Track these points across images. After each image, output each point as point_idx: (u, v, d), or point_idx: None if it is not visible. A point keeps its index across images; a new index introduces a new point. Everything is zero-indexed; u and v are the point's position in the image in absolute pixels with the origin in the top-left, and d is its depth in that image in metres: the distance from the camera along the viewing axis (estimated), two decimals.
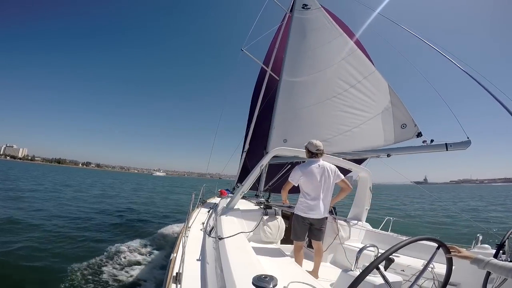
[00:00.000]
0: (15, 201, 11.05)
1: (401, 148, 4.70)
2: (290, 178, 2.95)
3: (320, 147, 2.96)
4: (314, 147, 2.96)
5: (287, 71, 6.52)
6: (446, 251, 1.41)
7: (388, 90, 5.06)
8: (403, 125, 4.79)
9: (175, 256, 2.26)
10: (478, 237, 2.37)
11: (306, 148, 3.04)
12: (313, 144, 2.97)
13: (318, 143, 2.97)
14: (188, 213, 3.34)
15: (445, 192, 52.90)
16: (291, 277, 1.78)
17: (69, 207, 10.96)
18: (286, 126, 6.06)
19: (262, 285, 1.11)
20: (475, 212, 16.04)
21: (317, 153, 2.95)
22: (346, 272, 1.77)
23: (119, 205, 13.18)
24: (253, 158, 6.69)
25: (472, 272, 1.77)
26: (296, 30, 6.87)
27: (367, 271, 1.04)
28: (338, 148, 5.18)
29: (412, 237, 1.23)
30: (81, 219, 8.71)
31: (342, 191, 3.19)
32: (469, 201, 25.65)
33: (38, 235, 6.32)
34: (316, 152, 2.95)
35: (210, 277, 1.88)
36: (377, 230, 3.78)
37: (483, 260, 1.34)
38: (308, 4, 6.95)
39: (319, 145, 2.96)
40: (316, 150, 2.95)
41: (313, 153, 2.96)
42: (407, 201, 25.38)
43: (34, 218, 8.04)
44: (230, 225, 2.68)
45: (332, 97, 5.61)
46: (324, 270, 3.07)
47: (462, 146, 3.89)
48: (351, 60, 5.64)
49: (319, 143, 2.98)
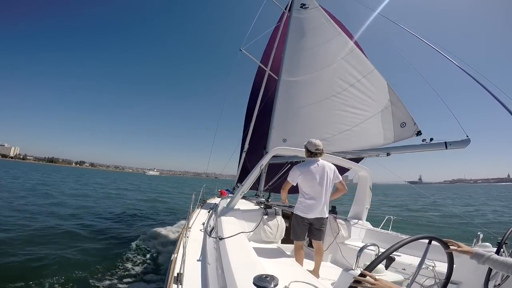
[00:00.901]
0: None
1: (401, 147, 4.71)
2: (289, 177, 2.93)
3: (319, 147, 2.93)
4: (313, 147, 2.93)
5: (286, 71, 6.52)
6: (445, 246, 1.41)
7: (387, 89, 5.07)
8: (402, 124, 4.79)
9: (176, 257, 2.25)
10: (479, 235, 2.37)
11: (306, 147, 3.02)
12: (313, 143, 2.94)
13: (317, 142, 2.95)
14: (188, 214, 3.33)
15: (445, 191, 53.06)
16: (292, 276, 1.77)
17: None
18: (286, 125, 6.06)
19: (263, 285, 1.10)
20: (475, 210, 16.08)
21: (316, 152, 2.93)
22: (347, 272, 1.77)
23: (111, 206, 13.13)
24: (253, 158, 6.70)
25: (474, 270, 1.77)
26: (295, 30, 6.87)
27: (368, 269, 1.04)
28: (337, 147, 5.19)
29: (413, 236, 1.23)
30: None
31: (337, 191, 3.16)
32: (467, 200, 25.72)
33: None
34: (315, 151, 2.93)
35: (211, 277, 1.88)
36: (377, 229, 3.79)
37: (483, 255, 1.33)
38: (306, 3, 6.96)
39: (319, 145, 2.94)
40: (315, 149, 2.92)
41: (312, 152, 2.94)
42: (403, 201, 25.44)
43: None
44: (231, 225, 2.67)
45: (332, 96, 5.61)
46: (325, 269, 3.06)
47: (462, 144, 3.90)
48: (350, 59, 5.65)
49: (319, 142, 2.96)
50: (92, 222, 8.65)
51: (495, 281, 1.65)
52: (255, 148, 6.79)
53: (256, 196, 6.10)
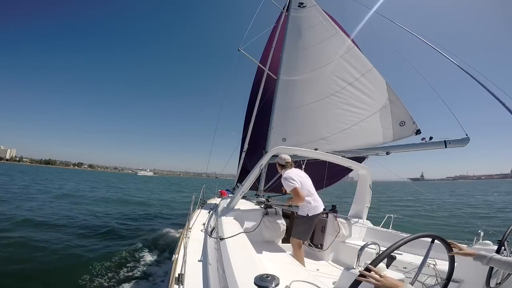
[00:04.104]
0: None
1: (400, 146, 4.71)
2: (291, 182, 2.96)
3: (288, 160, 3.31)
4: (282, 161, 3.29)
5: (284, 70, 6.51)
6: (449, 249, 1.40)
7: (386, 87, 5.06)
8: (401, 123, 4.79)
9: (177, 257, 2.25)
10: (480, 233, 2.38)
11: (277, 163, 3.37)
12: (282, 158, 3.31)
13: (286, 157, 3.32)
14: (189, 214, 3.33)
15: (446, 188, 53.08)
16: (293, 276, 1.77)
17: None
18: (285, 125, 6.05)
19: (264, 284, 1.10)
20: (476, 209, 16.10)
21: (286, 165, 3.26)
22: (348, 270, 1.77)
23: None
24: (253, 158, 6.69)
25: (475, 268, 1.77)
26: (293, 29, 6.87)
27: (373, 265, 1.04)
28: (337, 146, 5.19)
29: (414, 234, 1.23)
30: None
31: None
32: (469, 198, 25.75)
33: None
34: (285, 164, 3.27)
35: (212, 277, 1.88)
36: (378, 227, 3.79)
37: (486, 256, 1.34)
38: (304, 2, 6.96)
39: (287, 158, 3.31)
40: (285, 163, 3.27)
41: (283, 165, 3.28)
42: (406, 198, 25.45)
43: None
44: (231, 225, 2.67)
45: (330, 95, 5.61)
46: (326, 268, 3.07)
47: (461, 143, 3.90)
48: (348, 58, 5.64)
49: (287, 156, 3.33)
50: (91, 222, 8.64)
51: (496, 279, 1.65)
52: (255, 148, 6.78)
53: (256, 196, 6.10)
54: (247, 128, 6.89)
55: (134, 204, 15.38)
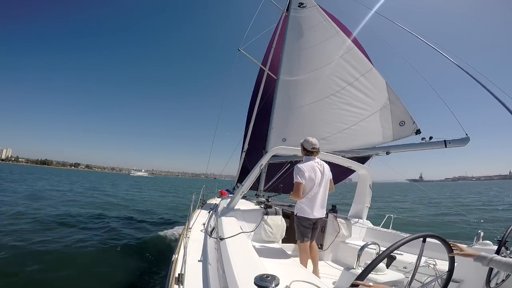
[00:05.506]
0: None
1: (400, 146, 4.71)
2: (298, 177, 2.72)
3: (316, 145, 2.91)
4: (310, 145, 2.91)
5: (284, 70, 6.52)
6: (449, 249, 1.40)
7: (386, 87, 5.06)
8: (401, 123, 4.79)
9: (177, 257, 2.25)
10: (480, 233, 2.37)
11: (302, 145, 2.99)
12: (309, 141, 2.92)
13: (314, 140, 2.92)
14: (189, 214, 3.33)
15: (446, 188, 53.03)
16: (293, 276, 1.77)
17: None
18: (285, 125, 6.06)
19: (264, 284, 1.10)
20: (475, 209, 16.10)
21: (313, 151, 2.91)
22: (348, 270, 1.77)
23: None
24: (253, 158, 6.69)
25: (475, 268, 1.77)
26: (293, 29, 6.87)
27: (369, 268, 1.04)
28: (337, 146, 5.19)
29: (414, 234, 1.23)
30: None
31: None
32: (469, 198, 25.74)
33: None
34: (311, 150, 2.91)
35: (212, 277, 1.88)
36: (378, 227, 3.79)
37: (486, 257, 1.34)
38: (304, 2, 6.96)
39: (315, 143, 2.91)
40: (311, 148, 2.90)
41: (309, 151, 2.92)
42: (404, 199, 25.46)
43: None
44: (231, 225, 2.67)
45: (330, 95, 5.61)
46: (326, 268, 3.06)
47: (461, 143, 3.90)
48: (348, 58, 5.64)
49: (315, 141, 2.94)
50: (92, 222, 8.64)
51: (496, 279, 1.65)
52: (255, 148, 6.78)
53: (256, 196, 6.10)
54: (248, 128, 6.90)
55: (136, 203, 15.35)
